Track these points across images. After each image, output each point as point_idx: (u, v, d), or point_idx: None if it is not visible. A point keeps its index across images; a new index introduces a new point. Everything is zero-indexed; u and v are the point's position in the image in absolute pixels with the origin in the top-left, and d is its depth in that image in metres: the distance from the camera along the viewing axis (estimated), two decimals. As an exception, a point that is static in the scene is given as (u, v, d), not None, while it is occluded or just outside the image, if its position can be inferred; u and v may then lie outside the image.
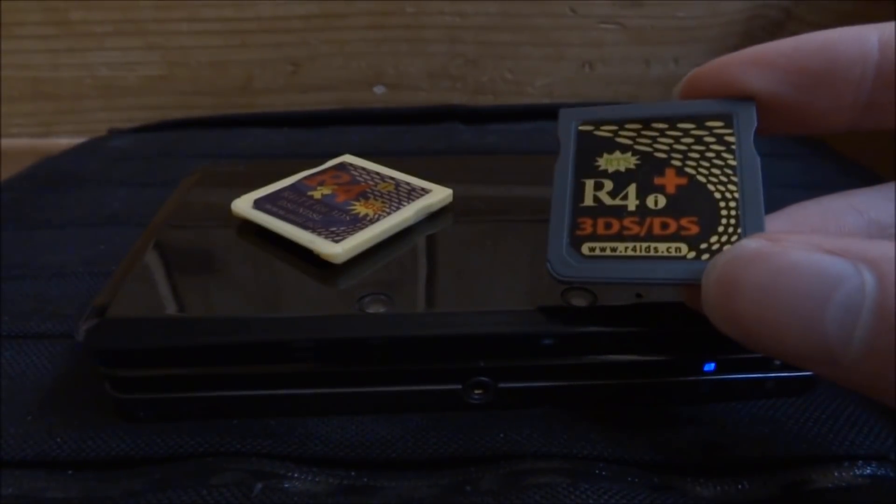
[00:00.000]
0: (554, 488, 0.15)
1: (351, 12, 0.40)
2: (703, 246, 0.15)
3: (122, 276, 0.18)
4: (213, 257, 0.20)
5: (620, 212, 0.16)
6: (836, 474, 0.16)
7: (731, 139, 0.16)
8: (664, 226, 0.15)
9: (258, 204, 0.21)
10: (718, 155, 0.16)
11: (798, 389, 0.18)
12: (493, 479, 0.16)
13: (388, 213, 0.20)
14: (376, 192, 0.21)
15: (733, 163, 0.16)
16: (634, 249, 0.15)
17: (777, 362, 0.17)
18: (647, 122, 0.17)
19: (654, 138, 0.17)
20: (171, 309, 0.17)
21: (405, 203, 0.21)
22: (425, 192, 0.21)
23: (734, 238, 0.15)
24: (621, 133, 0.17)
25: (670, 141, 0.16)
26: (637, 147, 0.17)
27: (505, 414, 0.17)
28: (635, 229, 0.15)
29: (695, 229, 0.15)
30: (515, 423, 0.17)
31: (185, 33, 0.41)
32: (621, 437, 0.17)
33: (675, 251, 0.15)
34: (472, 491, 0.15)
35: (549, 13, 0.41)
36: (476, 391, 0.17)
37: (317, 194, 0.21)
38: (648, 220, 0.15)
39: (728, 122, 0.16)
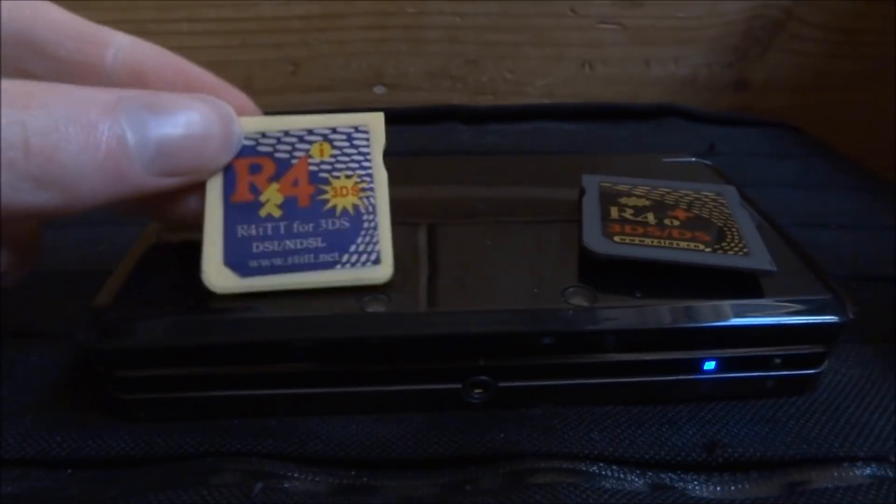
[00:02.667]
0: (554, 488, 0.15)
1: (351, 12, 0.40)
2: (716, 246, 0.18)
3: (121, 277, 0.18)
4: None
5: (643, 224, 0.19)
6: (835, 475, 0.16)
7: (723, 200, 0.21)
8: (681, 234, 0.19)
9: (243, 270, 0.17)
10: (717, 205, 0.20)
11: (799, 388, 0.18)
12: (493, 479, 0.16)
13: (369, 183, 0.17)
14: (324, 165, 0.17)
15: (728, 211, 0.20)
16: (659, 243, 0.18)
17: (777, 361, 0.17)
18: (654, 187, 0.21)
19: (662, 195, 0.21)
20: (171, 309, 0.17)
21: (361, 154, 0.17)
22: (362, 128, 0.18)
23: (741, 244, 0.18)
24: (634, 190, 0.21)
25: (677, 196, 0.21)
26: (650, 197, 0.21)
27: (505, 413, 0.18)
28: (657, 233, 0.19)
29: (707, 238, 0.18)
30: (516, 422, 0.17)
31: (185, 33, 0.41)
32: (621, 437, 0.17)
33: (694, 247, 0.18)
34: (472, 491, 0.15)
35: (549, 13, 0.41)
36: (476, 390, 0.17)
37: (272, 210, 0.17)
38: (668, 230, 0.19)
39: (718, 193, 0.21)
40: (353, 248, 0.17)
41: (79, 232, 0.26)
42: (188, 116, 0.16)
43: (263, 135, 0.18)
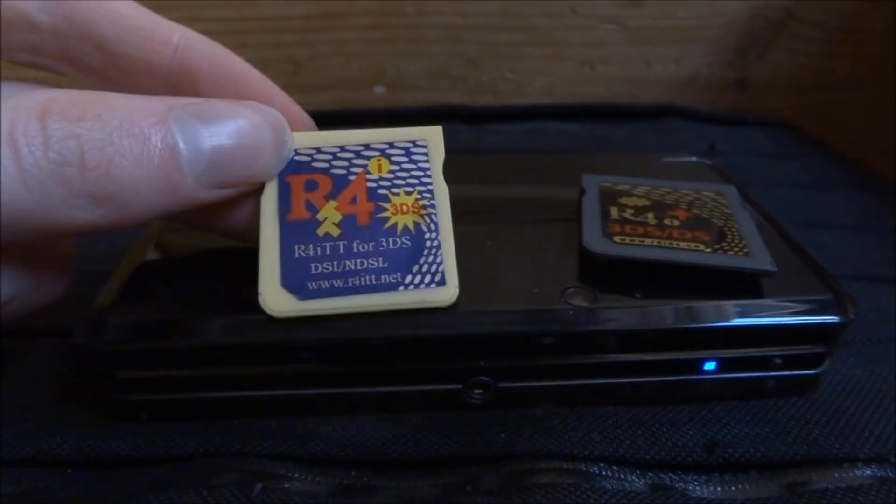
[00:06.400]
0: (554, 488, 0.15)
1: (351, 12, 0.40)
2: (717, 246, 0.18)
3: (122, 277, 0.18)
4: (214, 257, 0.19)
5: (643, 224, 0.19)
6: (836, 475, 0.16)
7: (724, 200, 0.21)
8: (681, 234, 0.19)
9: (301, 292, 0.16)
10: (717, 205, 0.20)
11: (800, 389, 0.18)
12: (493, 479, 0.16)
13: (430, 200, 0.17)
14: (383, 181, 0.17)
15: (728, 211, 0.20)
16: (659, 244, 0.18)
17: (778, 361, 0.17)
18: (655, 187, 0.21)
19: (662, 195, 0.21)
20: (171, 309, 0.17)
21: (421, 170, 0.17)
22: (420, 142, 0.17)
23: (741, 244, 0.18)
24: (635, 190, 0.21)
25: (677, 196, 0.21)
26: (650, 197, 0.21)
27: (505, 414, 0.17)
28: (657, 233, 0.19)
29: (707, 238, 0.18)
30: (516, 423, 0.17)
31: (185, 33, 0.41)
32: (621, 437, 0.17)
33: (694, 247, 0.18)
34: (472, 491, 0.15)
35: (550, 13, 0.41)
36: (476, 391, 0.17)
37: (330, 229, 0.16)
38: (668, 230, 0.19)
39: (718, 192, 0.21)
40: (416, 268, 0.16)
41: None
42: (239, 125, 0.15)
43: (318, 150, 0.17)
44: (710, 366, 0.17)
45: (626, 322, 0.17)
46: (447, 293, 0.16)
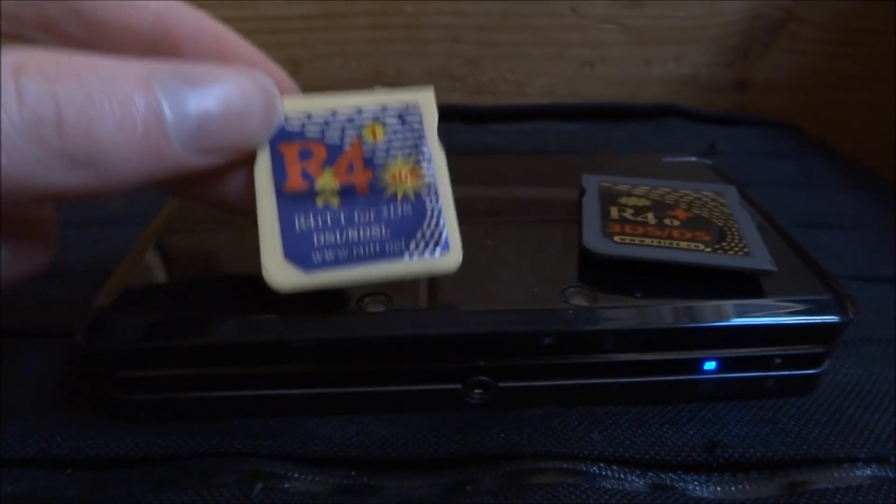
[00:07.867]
0: (554, 488, 0.15)
1: (351, 12, 0.40)
2: (717, 246, 0.18)
3: (122, 276, 0.18)
4: (214, 257, 0.20)
5: (643, 223, 0.19)
6: (836, 475, 0.16)
7: (724, 200, 0.21)
8: (681, 234, 0.19)
9: (306, 264, 0.15)
10: (717, 205, 0.20)
11: (800, 389, 0.18)
12: (493, 479, 0.16)
13: (428, 166, 0.16)
14: (378, 148, 0.16)
15: (728, 211, 0.20)
16: (659, 243, 0.18)
17: (778, 361, 0.17)
18: (654, 187, 0.21)
19: (662, 194, 0.21)
20: (171, 309, 0.17)
21: (416, 135, 0.17)
22: (413, 106, 0.17)
23: (741, 244, 0.18)
24: (635, 190, 0.21)
25: (676, 196, 0.21)
26: (650, 197, 0.21)
27: (505, 414, 0.17)
28: (657, 233, 0.19)
29: (707, 238, 0.18)
30: (515, 422, 0.17)
31: (185, 33, 0.41)
32: (621, 437, 0.17)
33: (694, 247, 0.18)
34: (472, 491, 0.15)
35: (549, 13, 0.41)
36: (476, 391, 0.17)
37: (329, 199, 0.16)
38: (668, 230, 0.19)
39: (718, 192, 0.21)
40: (419, 234, 0.16)
41: (79, 232, 0.26)
42: (227, 89, 0.14)
43: (309, 116, 0.16)
44: (710, 365, 0.17)
45: (626, 322, 0.17)
46: (452, 259, 0.16)
